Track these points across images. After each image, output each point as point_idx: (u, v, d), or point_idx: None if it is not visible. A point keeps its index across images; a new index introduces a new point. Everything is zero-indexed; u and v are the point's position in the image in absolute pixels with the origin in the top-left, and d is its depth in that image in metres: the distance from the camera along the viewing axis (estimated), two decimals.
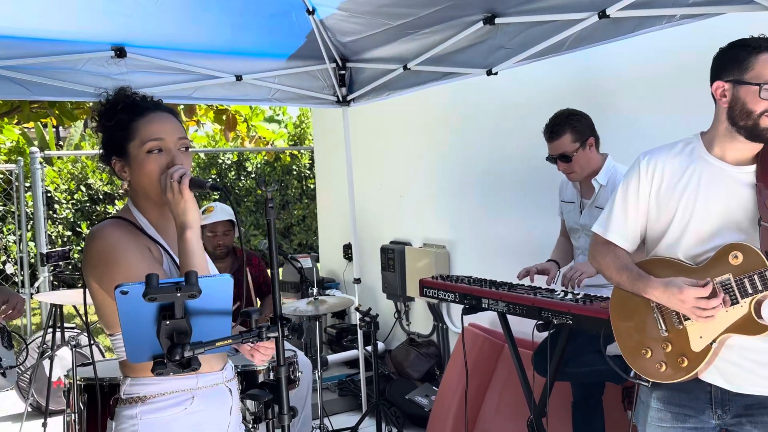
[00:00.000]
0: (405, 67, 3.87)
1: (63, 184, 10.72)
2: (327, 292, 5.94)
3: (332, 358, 5.49)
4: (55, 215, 10.39)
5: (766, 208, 1.83)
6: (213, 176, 11.62)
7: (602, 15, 2.71)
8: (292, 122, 14.05)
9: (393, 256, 5.34)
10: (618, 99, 3.68)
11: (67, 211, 10.53)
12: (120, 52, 3.62)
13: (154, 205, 1.77)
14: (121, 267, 1.63)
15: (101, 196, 11.10)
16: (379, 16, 3.56)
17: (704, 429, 1.95)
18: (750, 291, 1.78)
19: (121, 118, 1.75)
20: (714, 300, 1.78)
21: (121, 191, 2.03)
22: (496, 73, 3.44)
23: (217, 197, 6.33)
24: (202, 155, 11.64)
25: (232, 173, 11.89)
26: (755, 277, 1.77)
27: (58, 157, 11.06)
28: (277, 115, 14.02)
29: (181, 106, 8.27)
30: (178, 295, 1.25)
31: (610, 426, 3.24)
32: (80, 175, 11.00)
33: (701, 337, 1.86)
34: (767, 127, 1.80)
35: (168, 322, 1.30)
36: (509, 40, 3.24)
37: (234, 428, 1.80)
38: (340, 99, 4.45)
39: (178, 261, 1.71)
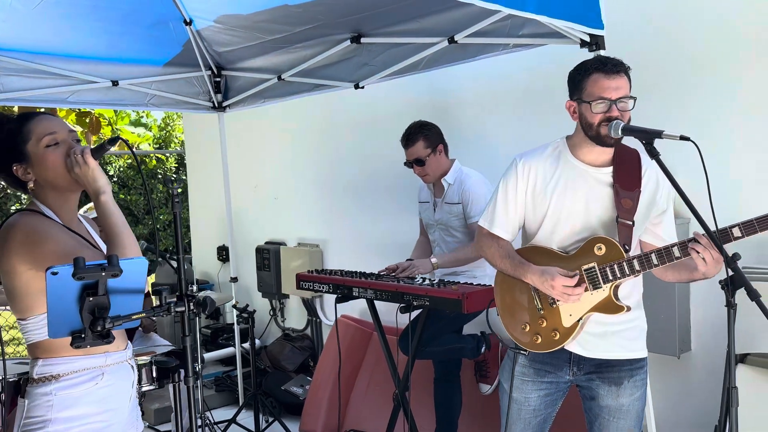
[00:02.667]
0: (279, 78, 4.15)
1: None
2: (201, 293, 6.06)
3: (208, 356, 5.63)
4: None
5: (622, 206, 2.13)
6: None
7: (451, 40, 3.17)
8: (157, 125, 13.76)
9: (268, 256, 5.58)
10: (464, 111, 4.19)
11: None
12: None
13: (57, 196, 1.94)
14: (51, 242, 1.81)
15: None
16: (254, 30, 3.81)
17: (559, 383, 2.29)
18: (610, 277, 2.11)
19: (11, 127, 1.92)
20: (578, 288, 2.10)
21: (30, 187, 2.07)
22: (362, 87, 3.82)
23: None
24: None
25: None
26: (615, 266, 2.09)
27: None
28: (142, 117, 13.69)
29: (42, 109, 8.04)
30: (103, 274, 1.49)
31: (466, 396, 3.70)
32: None
33: (570, 315, 2.19)
34: (607, 134, 2.08)
35: (91, 299, 1.53)
36: (373, 58, 3.64)
37: (134, 400, 2.03)
38: (216, 105, 4.66)
39: (87, 239, 1.94)
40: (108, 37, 3.85)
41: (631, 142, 2.23)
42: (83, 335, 1.61)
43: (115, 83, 4.14)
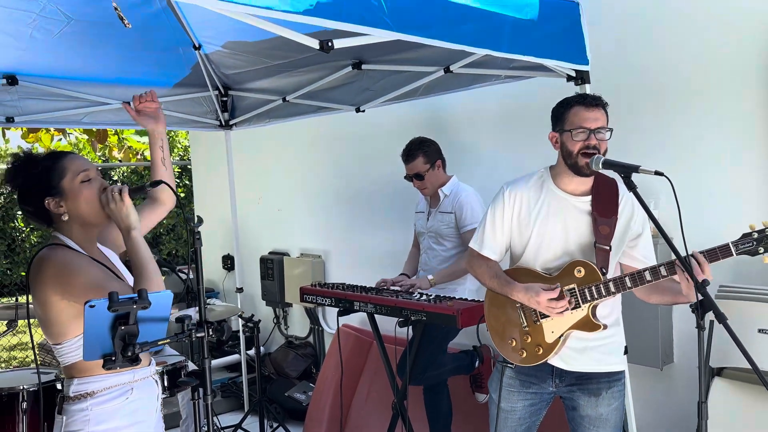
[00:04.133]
0: (284, 99, 4.35)
1: None
2: (207, 302, 6.25)
3: (214, 363, 5.82)
4: None
5: (599, 232, 2.33)
6: None
7: (447, 70, 3.37)
8: None
9: (272, 266, 5.78)
10: (460, 131, 4.39)
11: None
12: (11, 80, 3.81)
13: (83, 229, 2.11)
14: (81, 275, 1.98)
15: None
16: (259, 55, 3.99)
17: (543, 394, 2.49)
18: (588, 298, 2.29)
19: (46, 164, 2.10)
20: (561, 301, 2.28)
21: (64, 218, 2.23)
22: (363, 111, 4.02)
23: None
24: None
25: None
26: (593, 288, 2.28)
27: None
28: None
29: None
30: (134, 307, 1.69)
31: (462, 405, 3.89)
32: None
33: (552, 332, 2.38)
34: (584, 165, 2.29)
35: (123, 328, 1.73)
36: (374, 83, 3.83)
37: (159, 412, 2.24)
38: (223, 123, 4.85)
39: (110, 269, 2.13)
40: (120, 61, 4.02)
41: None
42: (114, 358, 1.80)
43: (127, 104, 4.32)
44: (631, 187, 2.25)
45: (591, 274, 2.31)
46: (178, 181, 12.64)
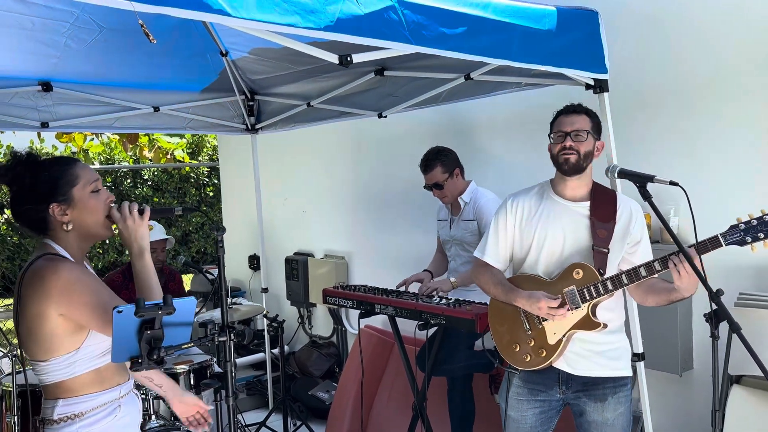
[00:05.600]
0: (308, 104, 4.43)
1: None
2: (234, 300, 6.37)
3: (240, 361, 5.93)
4: None
5: (597, 236, 2.43)
6: (108, 183, 11.62)
7: (467, 77, 3.41)
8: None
9: (297, 266, 5.87)
10: (480, 136, 4.44)
11: None
12: (46, 86, 3.96)
13: (80, 240, 2.01)
14: (89, 294, 1.90)
15: None
16: (284, 61, 4.07)
17: (551, 401, 2.54)
18: (587, 297, 2.37)
19: (58, 168, 1.99)
20: (561, 309, 2.37)
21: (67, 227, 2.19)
22: (385, 116, 4.07)
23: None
24: (97, 164, 11.62)
25: (128, 181, 11.92)
26: (591, 287, 2.37)
27: None
28: None
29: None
30: (160, 312, 1.77)
31: (482, 407, 3.93)
32: None
33: (555, 334, 2.45)
34: (563, 162, 2.45)
35: (149, 332, 1.81)
36: (396, 89, 3.89)
37: (139, 425, 2.16)
38: (249, 127, 4.95)
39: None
40: (150, 67, 4.14)
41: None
42: (140, 360, 1.89)
43: (156, 109, 4.45)
44: (647, 196, 2.31)
45: (589, 275, 2.40)
46: (207, 180, 12.84)
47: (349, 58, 2.10)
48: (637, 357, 2.85)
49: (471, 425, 3.84)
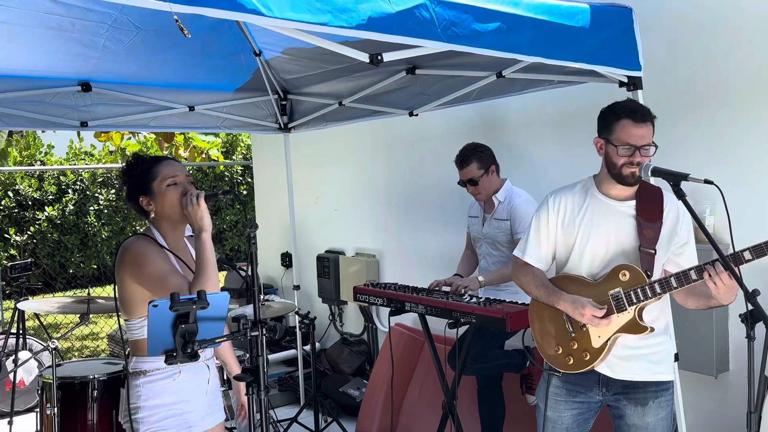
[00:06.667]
0: (340, 103, 4.46)
1: None
2: (266, 297, 6.45)
3: (272, 357, 6.00)
4: None
5: (644, 236, 2.35)
6: None
7: (499, 75, 3.39)
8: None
9: (328, 264, 5.92)
10: (514, 134, 4.41)
11: None
12: (86, 86, 4.06)
13: (169, 227, 2.41)
14: (150, 266, 2.27)
15: (30, 202, 11.18)
16: (317, 60, 4.11)
17: (590, 403, 2.49)
18: (634, 300, 2.31)
19: (144, 167, 2.42)
20: (605, 320, 2.31)
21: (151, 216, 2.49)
22: (416, 115, 4.08)
23: None
24: None
25: None
26: (638, 290, 2.30)
27: None
28: None
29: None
30: (194, 307, 1.81)
31: (512, 407, 3.91)
32: (8, 181, 11.03)
33: (599, 337, 2.38)
34: (628, 175, 2.33)
35: (183, 326, 1.85)
36: (428, 88, 3.89)
37: (211, 394, 2.45)
38: (282, 126, 5.00)
39: (186, 262, 2.41)
40: (185, 68, 4.22)
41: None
42: (175, 354, 1.93)
43: (191, 108, 4.53)
44: (681, 195, 2.26)
45: (636, 278, 2.32)
46: (240, 179, 13.00)
47: (379, 57, 2.11)
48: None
49: (501, 425, 3.83)
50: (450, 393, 3.66)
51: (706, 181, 2.25)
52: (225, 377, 3.57)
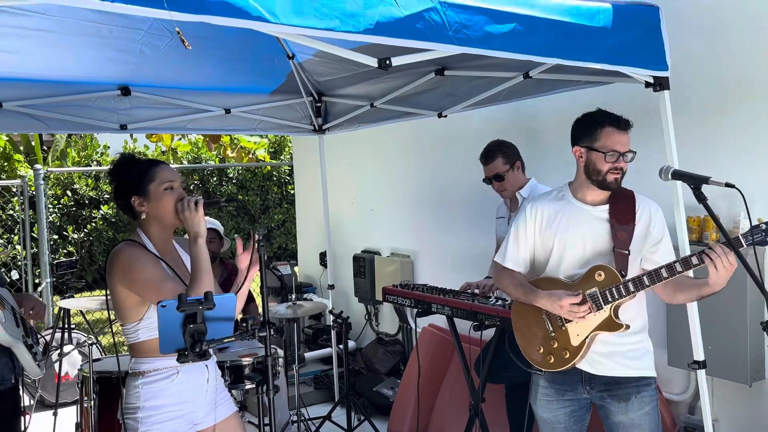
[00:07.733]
0: (372, 105, 4.49)
1: (50, 189, 11.12)
2: (305, 296, 6.54)
3: (309, 355, 6.08)
4: None
5: (617, 238, 2.45)
6: (195, 182, 12.13)
7: (526, 76, 3.36)
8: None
9: (364, 264, 5.96)
10: (543, 135, 4.36)
11: (54, 215, 10.97)
12: (125, 90, 4.19)
13: (159, 230, 2.42)
14: (142, 272, 2.28)
15: (87, 201, 11.59)
16: (348, 62, 4.14)
17: (579, 400, 2.57)
18: (610, 299, 2.40)
19: (141, 167, 2.44)
20: (583, 306, 2.40)
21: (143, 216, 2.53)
22: (446, 116, 4.07)
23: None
24: (185, 162, 12.15)
25: (215, 179, 12.37)
26: (613, 289, 2.39)
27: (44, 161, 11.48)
28: None
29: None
30: (200, 307, 1.86)
31: None
32: (66, 181, 11.46)
33: (578, 335, 2.48)
34: (612, 181, 2.44)
35: (192, 326, 1.91)
36: (457, 89, 3.88)
37: (211, 394, 2.46)
38: (317, 128, 5.06)
39: (174, 269, 2.40)
40: (221, 71, 4.32)
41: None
42: (186, 353, 1.99)
43: (227, 111, 4.63)
44: (701, 198, 2.27)
45: (611, 277, 2.41)
46: (288, 179, 13.17)
47: (387, 62, 2.12)
48: (697, 365, 2.74)
49: (530, 428, 3.78)
50: (476, 394, 3.64)
51: (728, 185, 2.21)
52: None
